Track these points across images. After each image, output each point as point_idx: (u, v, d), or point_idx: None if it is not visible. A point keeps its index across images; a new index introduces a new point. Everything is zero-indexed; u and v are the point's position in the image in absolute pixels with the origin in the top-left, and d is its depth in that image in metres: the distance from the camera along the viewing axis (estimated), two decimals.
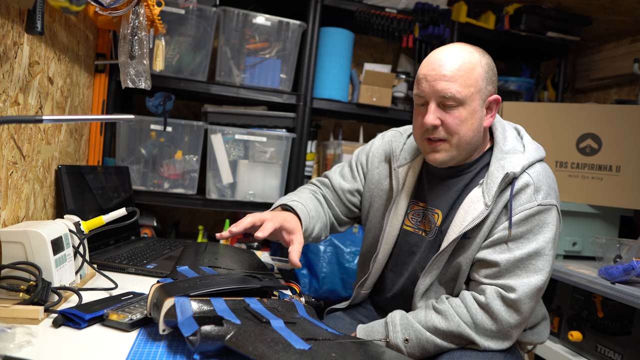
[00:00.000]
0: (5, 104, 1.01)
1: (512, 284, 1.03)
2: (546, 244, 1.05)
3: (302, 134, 2.08)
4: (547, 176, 1.10)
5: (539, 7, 2.34)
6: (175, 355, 0.77)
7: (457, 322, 1.04)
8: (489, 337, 1.04)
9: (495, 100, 1.10)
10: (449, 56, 1.07)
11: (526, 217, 1.05)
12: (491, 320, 1.04)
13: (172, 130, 1.95)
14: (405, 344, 1.06)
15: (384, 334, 1.08)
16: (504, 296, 1.03)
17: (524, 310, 1.04)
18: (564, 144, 2.04)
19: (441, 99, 1.06)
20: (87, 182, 1.45)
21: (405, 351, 1.06)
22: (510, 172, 1.06)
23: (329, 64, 2.16)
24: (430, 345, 1.06)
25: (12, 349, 0.71)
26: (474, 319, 1.04)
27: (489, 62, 1.11)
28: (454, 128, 1.06)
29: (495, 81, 1.11)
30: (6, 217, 1.06)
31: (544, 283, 1.06)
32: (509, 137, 1.14)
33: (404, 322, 1.08)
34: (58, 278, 0.98)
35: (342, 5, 2.15)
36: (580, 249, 2.01)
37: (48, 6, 1.13)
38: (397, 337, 1.07)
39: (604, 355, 1.65)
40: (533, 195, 1.06)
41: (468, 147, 1.10)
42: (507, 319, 1.03)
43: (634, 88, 2.46)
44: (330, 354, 0.77)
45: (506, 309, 1.03)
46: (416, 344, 1.06)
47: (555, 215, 1.08)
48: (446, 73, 1.05)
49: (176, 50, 1.95)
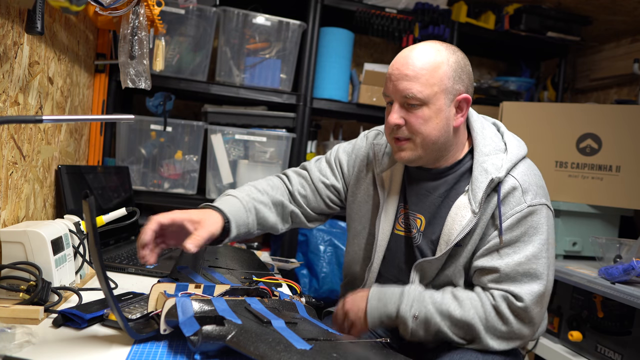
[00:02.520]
0: (5, 104, 1.01)
1: (517, 292, 1.02)
2: (542, 246, 1.05)
3: (302, 134, 2.08)
4: (532, 174, 1.09)
5: (539, 7, 2.34)
6: (176, 355, 0.77)
7: (472, 313, 1.03)
8: (497, 338, 1.04)
9: (465, 99, 1.07)
10: (414, 55, 1.05)
11: (518, 221, 1.04)
12: (502, 322, 1.03)
13: (172, 130, 1.94)
14: (413, 320, 1.04)
15: (397, 304, 1.06)
16: (511, 303, 1.03)
17: (533, 317, 1.04)
18: (564, 144, 2.04)
19: (404, 99, 1.05)
20: (87, 182, 1.45)
21: (410, 327, 1.04)
22: (495, 178, 1.04)
23: (329, 64, 2.16)
24: (434, 329, 1.05)
25: (12, 349, 0.71)
26: (487, 316, 1.03)
27: (459, 60, 1.07)
28: (416, 128, 1.05)
29: (466, 80, 1.07)
30: (6, 217, 1.05)
31: (547, 288, 1.05)
32: (488, 136, 1.12)
33: (419, 299, 1.06)
34: (58, 278, 0.98)
35: (342, 5, 2.15)
36: (580, 249, 2.01)
37: (48, 6, 1.13)
38: (408, 310, 1.05)
39: (604, 355, 1.65)
40: (521, 197, 1.05)
41: (434, 146, 1.08)
42: (517, 326, 1.03)
43: (634, 88, 2.46)
44: (332, 354, 0.77)
45: (515, 315, 1.03)
46: (423, 324, 1.05)
47: (546, 213, 1.06)
48: (408, 72, 1.03)
49: (176, 50, 1.95)
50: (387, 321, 1.08)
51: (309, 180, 1.29)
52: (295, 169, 1.33)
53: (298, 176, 1.30)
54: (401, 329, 1.07)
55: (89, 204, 0.69)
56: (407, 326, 1.05)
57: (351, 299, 1.13)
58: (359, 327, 1.10)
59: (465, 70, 1.08)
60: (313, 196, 1.28)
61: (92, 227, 0.70)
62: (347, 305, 1.13)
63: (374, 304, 1.08)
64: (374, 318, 1.08)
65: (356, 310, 1.10)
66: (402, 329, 1.07)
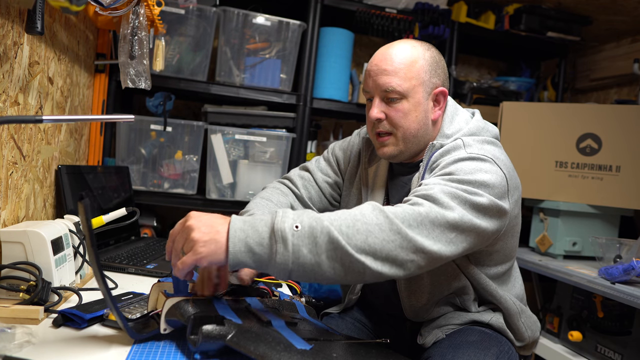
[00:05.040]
0: (5, 104, 1.01)
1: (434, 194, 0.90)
2: (483, 184, 0.94)
3: (302, 134, 2.08)
4: (492, 149, 1.04)
5: (539, 7, 2.34)
6: (176, 354, 0.77)
7: (375, 212, 0.86)
8: (416, 228, 0.86)
9: (441, 92, 1.11)
10: (392, 52, 1.09)
11: (454, 161, 0.99)
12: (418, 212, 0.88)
13: (172, 130, 1.94)
14: (294, 232, 0.79)
15: (270, 222, 0.81)
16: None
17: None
18: (564, 144, 2.04)
19: (384, 93, 1.08)
20: (87, 182, 1.45)
21: (290, 241, 0.78)
22: (437, 143, 1.07)
23: (329, 64, 2.16)
24: (324, 240, 0.80)
25: (12, 349, 0.71)
26: (398, 210, 0.88)
27: (434, 55, 1.11)
28: (397, 121, 1.08)
29: (441, 74, 1.12)
30: (6, 217, 1.05)
31: (461, 221, 0.89)
32: (456, 121, 1.13)
33: (298, 212, 0.83)
34: (58, 278, 0.98)
35: (342, 5, 2.15)
36: (580, 249, 2.01)
37: (48, 6, 1.13)
38: (286, 222, 0.80)
39: (604, 355, 1.65)
40: (463, 149, 1.03)
41: (415, 139, 1.10)
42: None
43: (634, 88, 2.47)
44: (332, 354, 0.77)
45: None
46: (307, 235, 0.80)
47: (495, 167, 0.98)
48: (387, 67, 1.07)
49: (176, 50, 1.95)
50: (256, 248, 0.79)
51: (312, 182, 1.31)
52: (297, 172, 1.35)
53: (301, 179, 1.32)
54: (279, 255, 0.78)
55: (84, 206, 0.69)
56: (287, 243, 0.78)
57: (199, 214, 0.82)
58: (206, 254, 0.77)
59: (440, 65, 1.12)
60: (318, 197, 1.31)
61: (87, 229, 0.70)
62: (193, 221, 0.80)
63: (238, 224, 0.80)
64: (236, 245, 0.78)
65: (208, 229, 0.79)
66: (279, 256, 0.78)
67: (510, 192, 1.00)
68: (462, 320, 1.13)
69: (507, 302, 1.12)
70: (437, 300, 1.13)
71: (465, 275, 1.10)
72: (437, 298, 1.13)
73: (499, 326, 1.13)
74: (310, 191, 1.30)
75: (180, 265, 0.78)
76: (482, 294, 1.13)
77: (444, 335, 1.10)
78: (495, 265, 1.11)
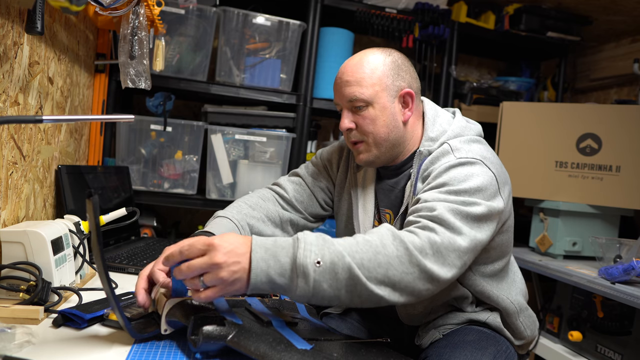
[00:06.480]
0: (5, 104, 1.01)
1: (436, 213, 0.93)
2: (477, 190, 0.97)
3: (302, 134, 2.08)
4: (478, 148, 1.07)
5: (539, 7, 2.34)
6: (177, 354, 0.77)
7: (391, 240, 0.88)
8: (432, 257, 0.89)
9: (408, 93, 1.11)
10: (352, 63, 1.12)
11: (446, 169, 1.02)
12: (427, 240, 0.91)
13: (172, 130, 1.94)
14: (315, 268, 0.80)
15: (292, 252, 0.81)
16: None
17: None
18: (564, 144, 2.04)
19: (349, 103, 1.10)
20: (87, 182, 1.45)
21: (312, 277, 0.80)
22: (424, 150, 1.09)
23: (329, 64, 2.16)
24: (344, 276, 0.81)
25: (12, 349, 0.71)
26: (413, 239, 0.89)
27: (396, 59, 1.12)
28: (365, 128, 1.10)
29: (406, 76, 1.12)
30: (6, 217, 1.05)
31: (466, 242, 0.92)
32: (438, 122, 1.14)
33: (320, 242, 0.83)
34: (58, 278, 0.98)
35: (342, 5, 2.15)
36: (580, 249, 2.01)
37: (48, 6, 1.13)
38: (308, 256, 0.80)
39: (604, 355, 1.65)
40: (452, 154, 1.05)
41: (387, 143, 1.11)
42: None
43: (634, 88, 2.47)
44: (332, 354, 0.77)
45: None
46: (328, 271, 0.81)
47: (485, 168, 1.01)
48: (349, 78, 1.10)
49: (176, 50, 1.95)
50: (278, 279, 0.79)
51: (304, 186, 1.31)
52: (287, 177, 1.34)
53: (292, 183, 1.31)
54: (299, 289, 0.80)
55: (93, 203, 0.69)
56: (308, 279, 0.80)
57: (219, 239, 0.79)
58: (231, 291, 0.79)
59: (403, 67, 1.13)
60: (310, 201, 1.30)
61: (95, 226, 0.70)
62: (219, 257, 0.77)
63: (260, 254, 0.79)
64: (258, 276, 0.78)
65: (234, 267, 0.77)
66: (300, 289, 0.80)
67: (501, 189, 1.04)
68: (460, 319, 1.13)
69: (504, 302, 1.13)
70: (433, 307, 1.14)
71: (463, 285, 1.11)
72: (434, 305, 1.14)
73: (497, 325, 1.13)
74: (302, 195, 1.29)
75: (203, 297, 0.78)
76: (479, 298, 1.13)
77: (441, 335, 1.11)
78: (492, 263, 1.11)
